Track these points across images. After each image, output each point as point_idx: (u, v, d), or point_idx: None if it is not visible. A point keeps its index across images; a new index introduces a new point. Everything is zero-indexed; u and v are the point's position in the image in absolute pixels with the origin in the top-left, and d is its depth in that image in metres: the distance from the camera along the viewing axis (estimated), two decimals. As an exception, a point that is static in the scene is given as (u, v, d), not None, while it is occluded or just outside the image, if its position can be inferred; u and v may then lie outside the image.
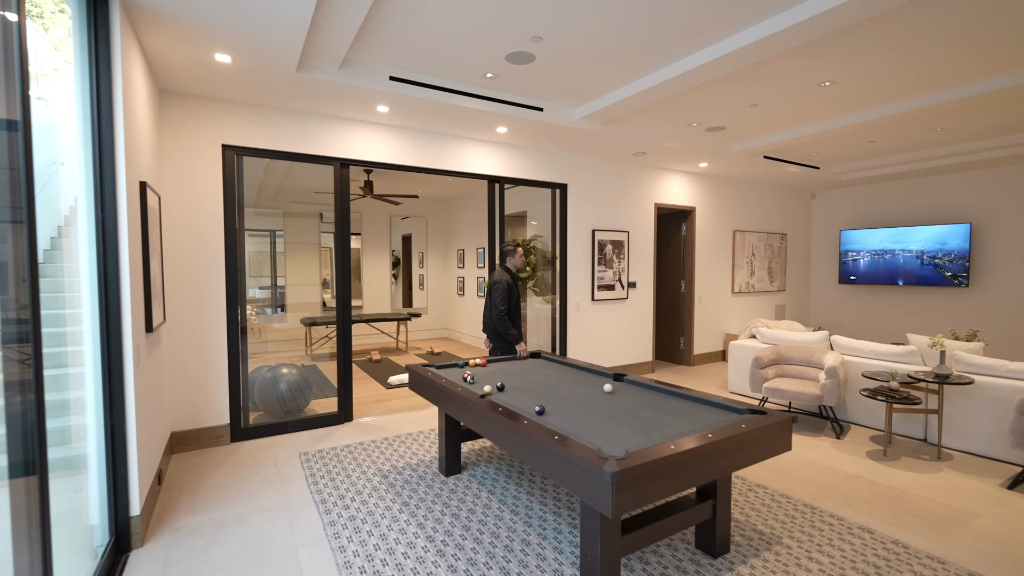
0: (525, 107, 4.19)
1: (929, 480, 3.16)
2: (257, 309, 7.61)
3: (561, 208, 5.55)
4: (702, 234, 6.77)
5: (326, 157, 4.15)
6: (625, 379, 3.01)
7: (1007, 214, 6.31)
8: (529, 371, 3.31)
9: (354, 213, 8.68)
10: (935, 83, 3.88)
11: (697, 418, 2.26)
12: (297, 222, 8.09)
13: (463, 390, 2.68)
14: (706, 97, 4.19)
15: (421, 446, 3.75)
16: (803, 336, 4.72)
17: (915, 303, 7.17)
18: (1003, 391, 3.42)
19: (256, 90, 3.55)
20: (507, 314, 3.79)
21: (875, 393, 3.55)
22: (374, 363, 7.03)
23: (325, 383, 5.68)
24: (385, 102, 3.80)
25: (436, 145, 4.64)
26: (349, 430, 4.15)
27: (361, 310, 8.87)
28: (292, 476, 3.22)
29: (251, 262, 7.70)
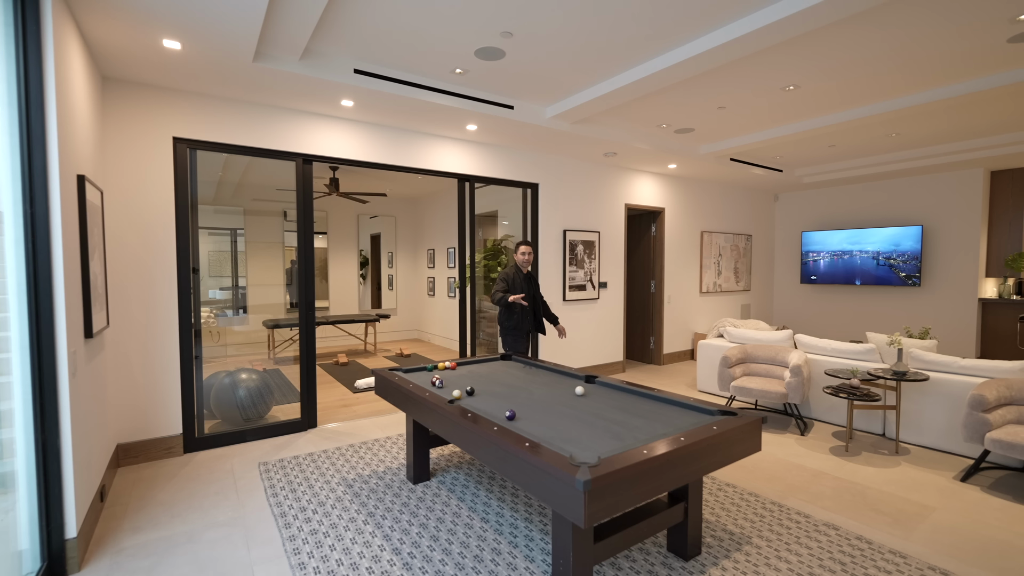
0: (495, 105, 4.12)
1: (888, 474, 3.25)
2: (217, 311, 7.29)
3: (532, 208, 5.51)
4: (671, 235, 6.86)
5: (288, 152, 3.97)
6: (597, 381, 2.97)
7: (954, 217, 6.63)
8: (500, 374, 3.24)
9: (320, 211, 8.42)
10: (890, 91, 4.01)
11: (669, 420, 2.24)
12: (259, 220, 7.78)
13: (431, 395, 2.58)
14: (675, 99, 4.21)
15: (388, 452, 3.63)
16: (768, 335, 4.81)
17: (871, 302, 7.46)
18: (955, 387, 3.56)
19: (210, 80, 3.35)
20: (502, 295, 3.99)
21: (837, 391, 3.63)
22: (340, 366, 6.82)
23: (288, 388, 5.47)
24: (350, 96, 3.66)
25: (404, 142, 4.51)
26: (313, 437, 3.99)
27: (328, 311, 8.61)
28: (250, 488, 3.06)
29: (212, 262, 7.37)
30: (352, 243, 8.80)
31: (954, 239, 6.64)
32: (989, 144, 5.58)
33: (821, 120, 4.72)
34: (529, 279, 4.17)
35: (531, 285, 4.17)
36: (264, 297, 7.64)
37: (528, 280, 4.17)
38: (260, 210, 7.83)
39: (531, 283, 4.18)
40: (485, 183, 5.11)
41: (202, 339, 3.83)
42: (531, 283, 4.18)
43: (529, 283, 4.16)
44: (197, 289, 3.75)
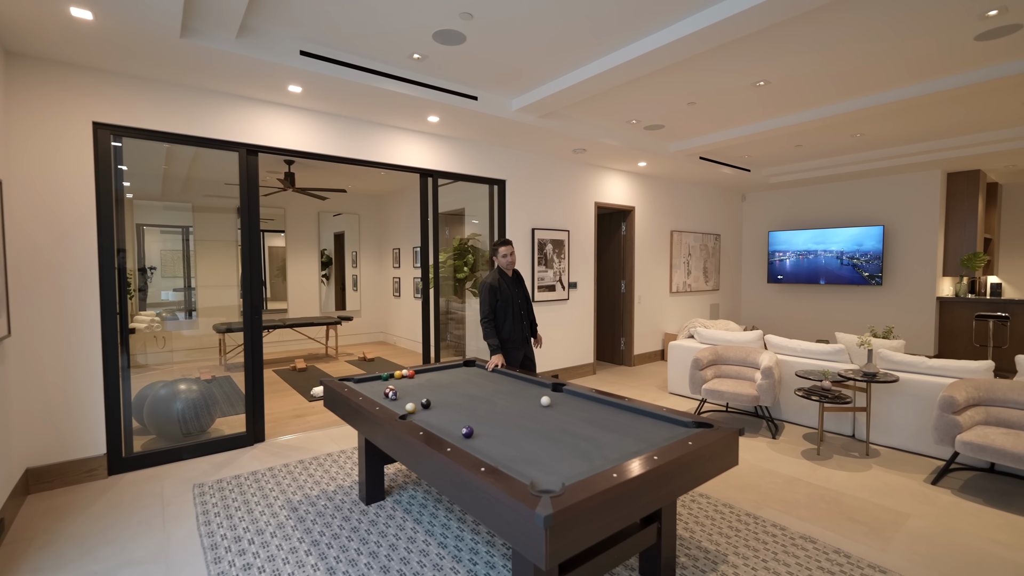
0: (458, 95, 3.87)
1: (861, 479, 3.18)
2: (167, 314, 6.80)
3: (499, 205, 5.29)
4: (641, 234, 6.76)
5: (230, 142, 3.63)
6: (564, 389, 2.78)
7: (913, 217, 6.76)
8: (461, 383, 3.01)
9: (277, 208, 7.98)
10: (856, 89, 3.98)
11: (641, 435, 2.06)
12: (210, 217, 7.29)
13: (380, 410, 2.33)
14: (645, 93, 4.07)
15: (342, 468, 3.34)
16: (739, 336, 4.74)
17: (835, 301, 7.56)
18: (923, 387, 3.53)
19: (134, 58, 2.99)
20: (488, 319, 3.43)
21: (809, 393, 3.55)
22: (298, 372, 6.44)
23: (239, 397, 5.08)
24: (297, 81, 3.36)
25: (361, 134, 4.22)
26: (259, 453, 3.66)
27: (286, 313, 8.18)
28: (180, 515, 2.73)
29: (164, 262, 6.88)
30: (312, 242, 8.38)
31: (914, 239, 6.77)
32: (946, 146, 5.69)
33: (789, 118, 4.67)
34: (517, 282, 3.62)
35: (520, 288, 3.62)
36: (216, 299, 7.16)
37: (515, 283, 3.60)
38: (211, 206, 7.34)
39: (519, 286, 3.62)
40: (449, 179, 4.86)
41: (146, 345, 3.45)
42: (519, 286, 3.62)
43: (517, 286, 3.60)
44: (124, 292, 3.37)
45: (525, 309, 3.62)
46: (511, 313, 3.50)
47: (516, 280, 3.63)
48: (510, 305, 3.50)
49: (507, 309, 3.50)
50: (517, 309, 3.53)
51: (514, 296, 3.53)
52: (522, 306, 3.59)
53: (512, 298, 3.52)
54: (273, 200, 7.91)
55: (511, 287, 3.54)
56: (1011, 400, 3.07)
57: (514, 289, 3.56)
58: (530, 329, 3.65)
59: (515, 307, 3.52)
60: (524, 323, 3.58)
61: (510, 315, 3.50)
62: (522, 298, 3.61)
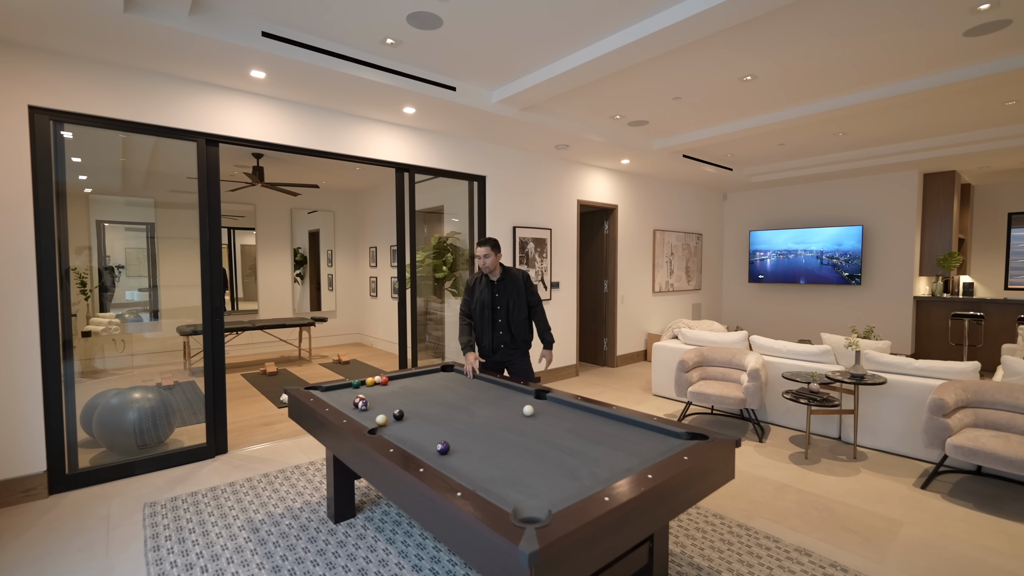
0: (435, 84, 3.67)
1: (850, 484, 3.10)
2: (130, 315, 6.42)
3: (480, 203, 5.10)
4: (624, 233, 6.65)
5: (186, 131, 3.36)
6: (548, 396, 2.61)
7: (891, 217, 6.82)
8: (438, 390, 2.82)
9: (246, 204, 7.63)
10: (843, 85, 3.92)
11: (631, 448, 1.90)
12: (174, 214, 6.91)
13: (348, 423, 2.12)
14: (630, 87, 3.93)
15: (310, 482, 3.12)
16: (724, 337, 4.65)
17: (815, 301, 7.59)
18: (910, 389, 3.48)
19: (73, 35, 2.71)
20: (461, 316, 3.29)
21: (797, 396, 3.47)
22: (268, 376, 6.14)
23: (203, 404, 4.78)
24: (260, 65, 3.11)
25: (333, 125, 3.98)
26: (220, 466, 3.40)
27: (257, 315, 7.84)
28: (126, 539, 2.47)
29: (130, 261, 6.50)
30: (284, 240, 8.05)
31: (892, 239, 6.82)
32: (924, 147, 5.72)
33: (775, 115, 4.60)
34: (502, 285, 3.22)
35: (506, 293, 3.20)
36: (181, 300, 6.79)
37: (499, 287, 3.22)
38: (175, 202, 6.97)
39: (505, 290, 3.21)
40: (426, 174, 4.65)
41: (104, 349, 3.16)
42: (505, 290, 3.21)
43: (501, 290, 3.21)
44: (67, 293, 3.08)
45: (506, 316, 3.20)
46: (482, 318, 3.22)
47: (505, 283, 3.21)
48: (480, 309, 3.22)
49: (479, 313, 3.23)
50: (491, 315, 3.21)
51: (489, 301, 3.20)
52: (502, 313, 3.20)
53: (486, 303, 3.20)
54: (242, 196, 7.56)
55: (489, 290, 3.22)
56: (999, 402, 3.03)
57: (494, 293, 3.21)
58: (515, 340, 3.23)
59: (488, 312, 3.20)
60: (501, 332, 3.22)
61: (481, 320, 3.23)
62: (507, 303, 3.20)
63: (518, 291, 3.22)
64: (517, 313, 3.22)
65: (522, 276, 3.27)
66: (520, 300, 3.22)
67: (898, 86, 3.85)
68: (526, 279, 3.28)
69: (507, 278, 3.24)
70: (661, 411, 4.62)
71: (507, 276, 3.24)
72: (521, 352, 3.25)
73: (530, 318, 3.29)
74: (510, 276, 3.25)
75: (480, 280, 3.28)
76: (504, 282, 3.23)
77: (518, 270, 3.29)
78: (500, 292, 3.23)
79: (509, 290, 3.22)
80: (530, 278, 3.31)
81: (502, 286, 3.23)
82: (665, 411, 4.62)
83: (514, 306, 3.21)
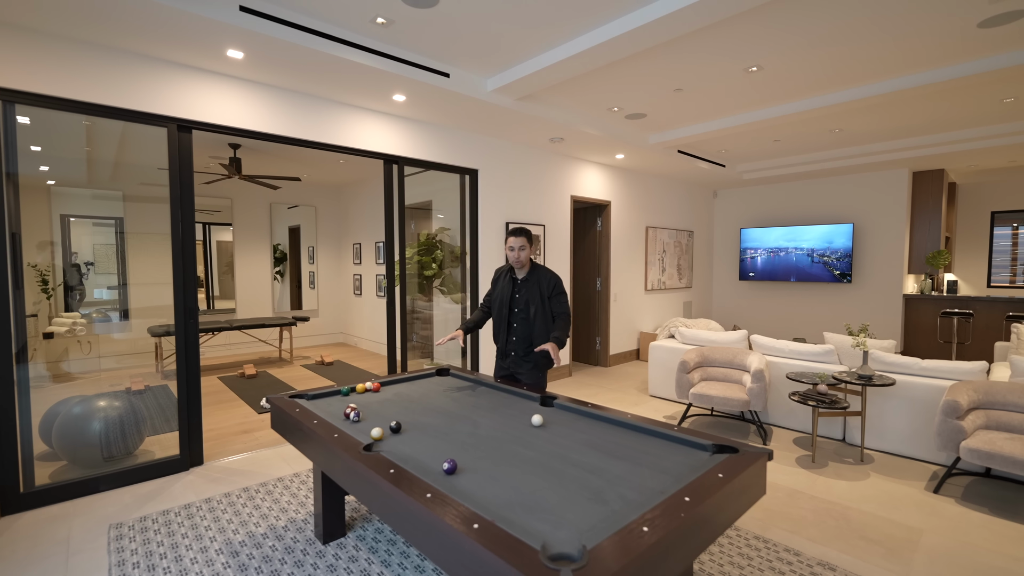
0: (428, 70, 3.45)
1: (862, 489, 3.00)
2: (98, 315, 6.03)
3: (471, 197, 4.89)
4: (617, 230, 6.51)
5: (156, 116, 3.08)
6: (555, 403, 2.43)
7: (882, 215, 6.82)
8: (435, 397, 2.62)
9: (223, 198, 7.27)
10: (848, 78, 3.82)
11: (656, 463, 1.74)
12: (145, 208, 6.52)
13: (340, 437, 1.91)
14: (630, 77, 3.77)
15: (295, 497, 2.89)
16: (723, 336, 4.54)
17: (806, 298, 7.58)
18: (917, 389, 3.40)
19: (29, 4, 2.42)
20: (482, 304, 3.13)
21: (805, 398, 3.36)
22: (247, 379, 5.84)
23: (175, 409, 4.48)
24: (237, 43, 2.85)
25: (317, 112, 3.73)
26: (195, 480, 3.14)
27: (234, 314, 7.49)
28: (88, 568, 2.22)
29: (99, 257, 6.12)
30: (264, 236, 7.71)
31: (882, 237, 6.83)
32: (915, 144, 5.71)
33: (776, 109, 4.50)
34: (525, 285, 2.88)
35: (527, 294, 2.87)
36: (153, 299, 6.42)
37: (521, 286, 2.89)
38: (146, 195, 6.58)
39: (527, 291, 2.87)
40: (416, 166, 4.42)
41: (68, 352, 2.87)
42: (527, 291, 2.87)
43: (523, 290, 2.88)
44: (21, 291, 2.78)
45: (522, 320, 2.86)
46: (499, 316, 2.94)
47: (529, 283, 2.87)
48: (499, 307, 2.94)
49: (497, 310, 2.97)
50: (507, 315, 2.90)
51: (508, 299, 2.90)
52: (519, 316, 2.87)
53: (504, 301, 2.90)
54: (218, 190, 7.20)
55: (510, 287, 2.91)
56: (1011, 403, 2.96)
57: (514, 292, 2.90)
58: (528, 350, 2.88)
59: (504, 311, 2.90)
60: (515, 338, 2.89)
61: (498, 318, 2.95)
62: (525, 306, 2.85)
63: (541, 296, 2.85)
64: (535, 320, 2.85)
65: (550, 280, 2.87)
66: (541, 306, 2.85)
67: (905, 79, 3.77)
68: (555, 285, 2.88)
69: (532, 279, 2.88)
70: (660, 413, 4.49)
71: (533, 276, 2.89)
72: (535, 366, 2.90)
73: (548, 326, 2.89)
74: (536, 277, 2.89)
75: (505, 274, 2.99)
76: (528, 282, 2.88)
77: (550, 272, 2.91)
78: (522, 292, 2.89)
79: (532, 292, 2.86)
80: (561, 284, 2.92)
81: (525, 286, 2.89)
82: (664, 413, 4.50)
83: (533, 311, 2.85)
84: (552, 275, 2.91)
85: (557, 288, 2.89)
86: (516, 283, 2.93)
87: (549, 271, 2.94)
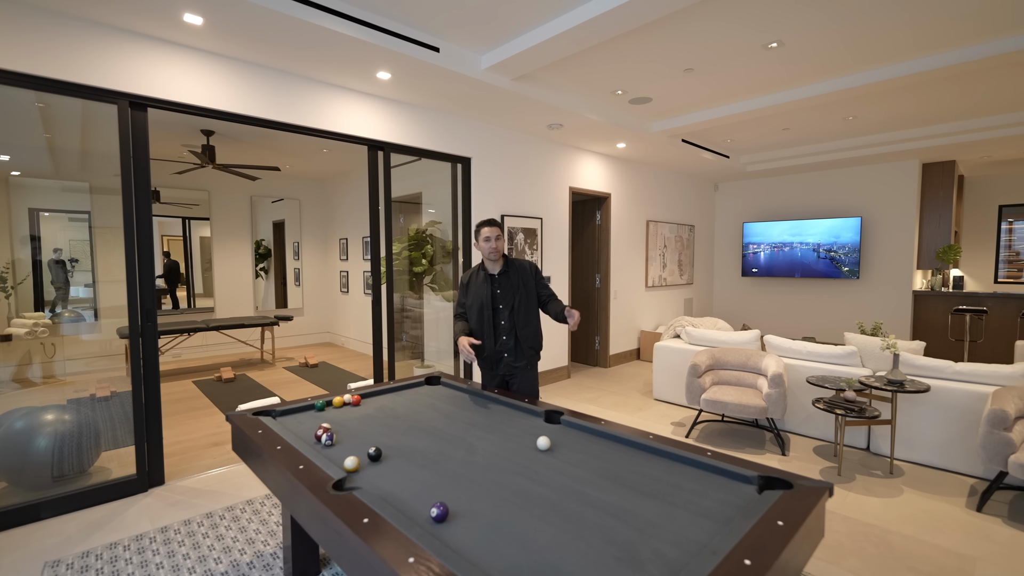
0: (415, 43, 3.10)
1: (898, 508, 2.71)
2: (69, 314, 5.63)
3: (464, 187, 4.54)
4: (617, 224, 6.20)
5: (104, 91, 2.70)
6: (563, 420, 2.11)
7: (891, 209, 6.57)
8: (424, 411, 2.28)
9: (200, 191, 6.85)
10: (870, 58, 3.52)
11: (693, 501, 1.42)
12: (113, 201, 6.09)
13: (306, 470, 1.57)
14: (638, 54, 3.44)
15: (265, 524, 2.54)
16: (734, 337, 4.25)
17: (811, 295, 7.33)
18: (951, 395, 3.12)
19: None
20: (455, 316, 2.76)
21: (832, 406, 3.07)
22: (224, 383, 5.46)
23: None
24: (194, 6, 2.48)
25: (293, 92, 3.36)
26: (153, 503, 2.78)
27: (213, 313, 7.08)
28: (7, 623, 1.86)
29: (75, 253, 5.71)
30: (244, 230, 7.30)
31: (891, 231, 6.58)
32: (927, 134, 5.45)
33: (792, 93, 4.20)
34: (505, 279, 2.61)
35: (510, 288, 2.60)
36: (123, 297, 6.03)
37: (500, 281, 2.61)
38: (115, 187, 6.18)
39: (509, 285, 2.60)
40: (404, 154, 4.06)
41: (31, 355, 2.50)
42: (509, 285, 2.60)
43: (504, 285, 2.60)
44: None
45: (510, 317, 2.59)
46: (481, 321, 2.59)
47: (509, 276, 2.60)
48: (479, 311, 2.60)
49: (477, 315, 2.61)
50: (491, 317, 2.60)
51: (489, 300, 2.59)
52: (505, 313, 2.60)
53: (485, 303, 2.58)
54: (194, 181, 6.78)
55: (488, 286, 2.60)
56: (1061, 411, 2.69)
57: (494, 289, 2.61)
58: (520, 347, 2.61)
59: (487, 313, 2.59)
60: (504, 337, 2.60)
61: (480, 324, 2.60)
62: (511, 301, 2.59)
63: (526, 285, 2.60)
64: (525, 314, 2.60)
65: (530, 267, 2.66)
66: (529, 297, 2.61)
67: (933, 59, 3.48)
68: (537, 270, 2.67)
69: (511, 270, 2.61)
70: (666, 418, 4.19)
71: (511, 268, 2.61)
72: (528, 363, 2.65)
73: (539, 318, 2.67)
74: (515, 268, 2.62)
75: (476, 274, 2.66)
76: (507, 275, 2.60)
77: (525, 261, 2.68)
78: (502, 287, 2.60)
79: (515, 285, 2.59)
80: (539, 270, 2.70)
81: (505, 280, 2.60)
82: (671, 418, 4.20)
83: (520, 304, 2.58)
84: (528, 262, 2.70)
85: (538, 272, 2.69)
86: (494, 280, 2.63)
87: (526, 260, 2.72)
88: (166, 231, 6.90)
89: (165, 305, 6.81)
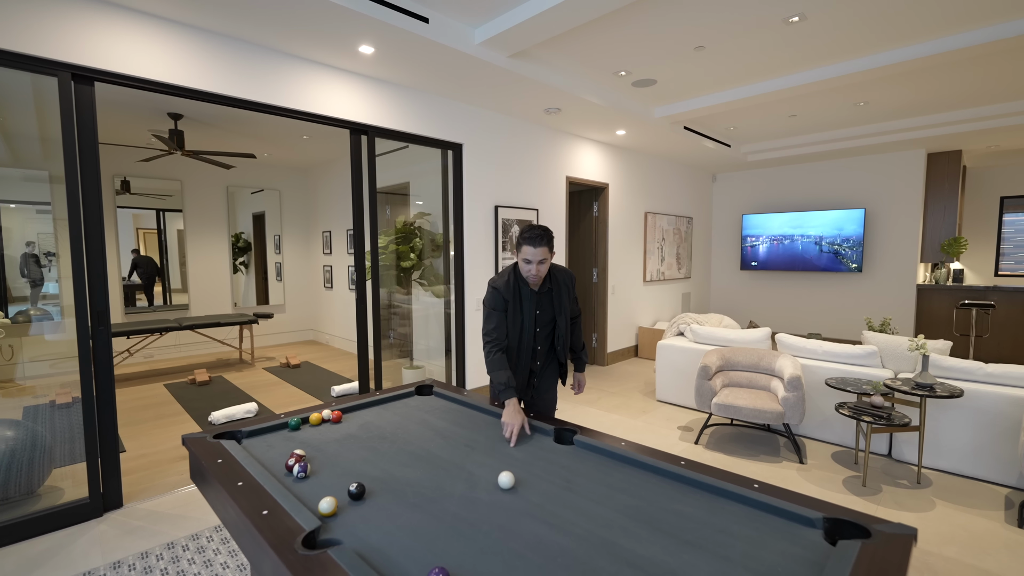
0: (401, 11, 2.77)
1: (934, 524, 2.50)
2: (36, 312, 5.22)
3: (455, 176, 4.23)
4: (615, 215, 5.92)
5: (39, 60, 2.34)
6: (576, 440, 1.83)
7: (895, 200, 6.39)
8: (415, 429, 1.99)
9: (171, 181, 6.43)
10: (894, 36, 3.27)
11: (751, 554, 1.15)
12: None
13: (269, 519, 1.27)
14: (645, 32, 3.15)
15: (234, 556, 2.24)
16: (743, 335, 4.01)
17: (812, 289, 7.15)
18: (982, 399, 2.91)
19: None
20: (489, 338, 2.13)
21: (858, 412, 2.84)
22: (198, 386, 5.10)
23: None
24: (142, -41, 2.13)
25: (266, 68, 3.01)
26: (107, 531, 2.46)
27: (188, 311, 6.68)
28: None
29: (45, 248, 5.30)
30: (220, 223, 6.89)
31: (895, 223, 6.41)
32: (935, 122, 5.25)
33: (807, 75, 3.94)
34: (547, 299, 2.22)
35: (551, 309, 2.23)
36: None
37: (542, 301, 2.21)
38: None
39: (551, 305, 2.23)
40: (390, 139, 3.73)
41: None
42: (551, 305, 2.23)
43: (545, 306, 2.22)
44: None
45: (549, 342, 2.27)
46: (520, 343, 2.20)
47: (551, 295, 2.22)
48: (518, 330, 2.17)
49: (515, 336, 2.18)
50: (530, 342, 2.21)
51: (531, 322, 2.18)
52: (543, 337, 2.24)
53: (526, 326, 2.18)
54: (165, 170, 6.35)
55: (530, 304, 2.18)
56: (1107, 418, 2.48)
57: (535, 310, 2.19)
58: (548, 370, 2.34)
59: (527, 338, 2.20)
60: (539, 362, 2.28)
61: (519, 346, 2.20)
62: (551, 324, 2.24)
63: (564, 300, 2.22)
64: (564, 335, 2.24)
65: (569, 278, 2.27)
66: (562, 312, 2.23)
67: (957, 38, 3.24)
68: (574, 282, 2.31)
69: (553, 287, 2.21)
70: (673, 422, 3.95)
71: (553, 284, 2.21)
72: (552, 382, 2.34)
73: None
74: (557, 284, 2.21)
75: (513, 288, 2.16)
76: (549, 294, 2.20)
77: (565, 271, 2.26)
78: (543, 308, 2.19)
79: (557, 304, 2.20)
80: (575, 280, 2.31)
81: (547, 300, 2.20)
82: (677, 422, 3.96)
83: (562, 326, 2.22)
84: (568, 272, 2.28)
85: (575, 284, 2.33)
86: (536, 299, 2.20)
87: (563, 268, 2.29)
88: (141, 224, 6.47)
89: (140, 302, 6.40)
